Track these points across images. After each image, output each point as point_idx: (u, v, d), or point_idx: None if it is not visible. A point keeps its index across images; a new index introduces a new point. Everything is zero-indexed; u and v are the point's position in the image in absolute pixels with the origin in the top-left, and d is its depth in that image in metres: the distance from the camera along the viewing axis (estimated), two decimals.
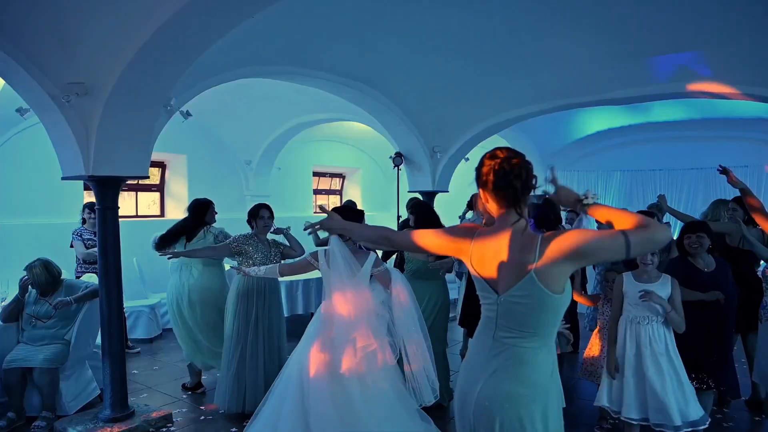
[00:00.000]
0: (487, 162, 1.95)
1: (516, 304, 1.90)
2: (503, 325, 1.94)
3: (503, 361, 1.92)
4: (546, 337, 1.94)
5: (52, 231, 6.52)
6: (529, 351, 1.91)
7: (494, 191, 1.95)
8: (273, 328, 4.67)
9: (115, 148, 4.17)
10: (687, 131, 9.09)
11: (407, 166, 7.73)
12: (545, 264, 1.83)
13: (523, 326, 1.91)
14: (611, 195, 10.40)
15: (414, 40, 5.37)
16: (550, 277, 1.84)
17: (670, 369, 3.48)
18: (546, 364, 1.95)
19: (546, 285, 1.84)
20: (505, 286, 1.92)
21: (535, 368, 1.91)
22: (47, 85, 3.87)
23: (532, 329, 1.91)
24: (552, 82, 6.29)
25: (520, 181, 1.92)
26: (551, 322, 1.93)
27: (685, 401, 3.44)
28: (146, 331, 6.88)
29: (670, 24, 4.87)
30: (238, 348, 4.56)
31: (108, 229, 4.33)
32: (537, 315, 1.89)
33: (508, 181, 1.91)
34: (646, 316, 3.55)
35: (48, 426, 4.33)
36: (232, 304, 4.66)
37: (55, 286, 4.68)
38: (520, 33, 5.24)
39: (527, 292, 1.86)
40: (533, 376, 1.91)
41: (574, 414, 3.65)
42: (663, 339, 3.53)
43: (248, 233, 4.77)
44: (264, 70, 5.42)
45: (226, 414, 4.59)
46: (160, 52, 3.83)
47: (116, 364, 4.33)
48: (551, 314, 1.91)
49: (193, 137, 8.60)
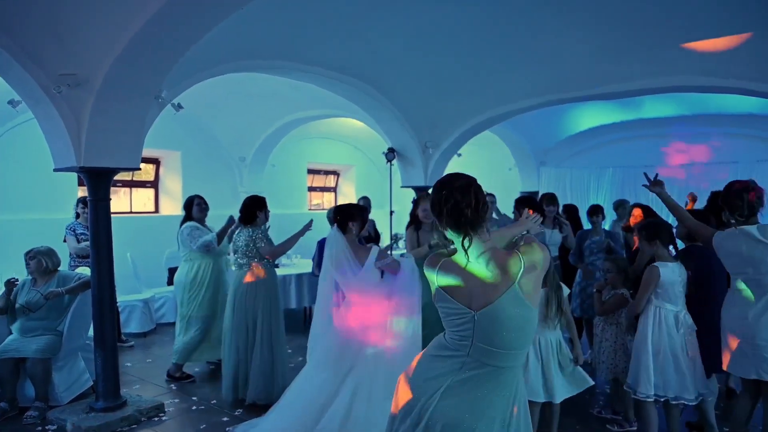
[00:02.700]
0: (435, 195, 1.98)
1: (495, 320, 1.88)
2: (480, 340, 1.91)
3: (479, 380, 1.91)
4: (522, 357, 1.97)
5: (46, 226, 6.54)
6: (507, 371, 1.93)
7: (448, 221, 1.95)
8: (270, 322, 4.69)
9: (107, 139, 4.20)
10: (679, 127, 9.16)
11: (400, 162, 7.78)
12: (525, 277, 1.86)
13: (497, 343, 1.90)
14: (604, 191, 10.47)
15: (406, 35, 5.40)
16: (529, 288, 1.88)
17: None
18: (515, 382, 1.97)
19: (527, 297, 1.87)
20: (483, 303, 1.89)
21: (506, 386, 1.93)
22: (39, 76, 3.91)
23: (507, 346, 1.90)
24: (544, 77, 6.34)
25: (471, 209, 1.92)
26: (526, 339, 1.96)
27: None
28: (140, 325, 6.91)
29: (662, 18, 4.91)
30: (235, 341, 4.67)
31: (100, 220, 4.37)
32: (515, 329, 1.90)
33: (459, 210, 1.92)
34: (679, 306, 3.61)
35: (40, 416, 4.36)
36: (231, 299, 4.75)
37: (51, 274, 4.75)
38: (512, 28, 5.28)
39: (509, 305, 1.87)
40: (506, 392, 1.93)
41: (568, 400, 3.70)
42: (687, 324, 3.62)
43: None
44: (256, 64, 5.44)
45: (219, 403, 4.65)
46: (151, 44, 3.86)
47: (108, 354, 4.37)
48: (528, 327, 1.93)
49: (188, 134, 8.65)
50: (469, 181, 1.97)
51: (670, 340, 3.53)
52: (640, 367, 3.58)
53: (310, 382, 3.65)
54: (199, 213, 5.53)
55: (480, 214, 1.93)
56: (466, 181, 1.97)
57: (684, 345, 3.55)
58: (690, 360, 3.55)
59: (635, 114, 9.00)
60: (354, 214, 3.79)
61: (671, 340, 3.53)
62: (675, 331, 3.54)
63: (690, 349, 3.56)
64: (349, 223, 3.75)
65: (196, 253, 5.39)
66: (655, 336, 3.55)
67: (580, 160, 10.66)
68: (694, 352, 3.58)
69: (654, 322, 3.56)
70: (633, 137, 9.75)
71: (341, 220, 3.77)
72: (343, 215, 3.78)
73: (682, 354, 3.53)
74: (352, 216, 3.77)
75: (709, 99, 7.79)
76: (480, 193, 1.96)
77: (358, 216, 3.81)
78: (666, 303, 3.57)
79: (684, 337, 3.55)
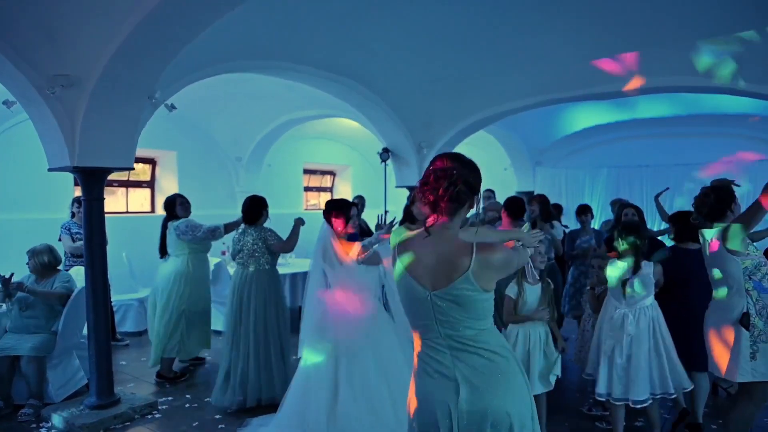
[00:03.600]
0: (431, 171, 2.00)
1: (450, 302, 1.96)
2: (442, 321, 1.99)
3: (468, 363, 1.97)
4: (485, 319, 2.03)
5: (43, 226, 6.56)
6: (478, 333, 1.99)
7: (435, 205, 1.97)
8: (278, 320, 4.69)
9: (100, 139, 4.24)
10: (672, 127, 9.21)
11: (394, 162, 7.82)
12: (479, 268, 1.93)
13: (458, 321, 1.97)
14: (599, 191, 10.52)
15: (400, 35, 5.44)
16: (482, 279, 1.94)
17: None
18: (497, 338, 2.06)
19: (480, 284, 1.94)
20: (439, 285, 1.97)
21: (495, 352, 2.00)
22: (33, 77, 3.94)
23: (468, 324, 1.98)
24: (538, 76, 6.36)
25: (437, 194, 1.95)
26: (485, 314, 2.02)
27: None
28: (135, 324, 6.95)
29: (655, 19, 4.95)
30: (231, 341, 4.66)
31: (94, 220, 4.41)
32: (471, 309, 1.97)
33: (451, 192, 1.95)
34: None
35: (35, 413, 4.40)
36: (229, 297, 4.78)
37: (51, 271, 4.81)
38: (506, 28, 5.31)
39: (462, 290, 1.93)
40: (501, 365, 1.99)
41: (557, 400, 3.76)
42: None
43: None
44: (249, 65, 5.48)
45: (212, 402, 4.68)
46: (145, 44, 3.90)
47: (102, 352, 4.41)
48: (486, 304, 2.01)
49: (184, 134, 8.68)
50: (451, 167, 1.97)
51: (616, 338, 3.57)
52: (598, 365, 3.69)
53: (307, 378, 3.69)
54: (184, 212, 5.43)
55: (450, 201, 1.94)
56: (449, 166, 1.98)
57: (629, 345, 3.55)
58: (635, 361, 3.54)
59: (630, 114, 9.04)
60: (341, 209, 3.87)
61: (616, 338, 3.57)
62: (620, 331, 3.57)
63: (635, 350, 3.54)
64: (336, 217, 3.84)
65: (189, 247, 5.33)
66: (605, 333, 3.64)
67: (575, 160, 10.71)
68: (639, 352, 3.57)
69: (605, 319, 3.66)
70: (627, 137, 9.81)
71: (328, 214, 3.86)
72: (331, 209, 3.88)
73: (624, 354, 3.55)
74: (339, 210, 3.85)
75: (702, 99, 7.83)
76: (458, 182, 1.95)
77: (345, 211, 3.88)
78: (613, 299, 3.65)
79: (633, 337, 3.55)
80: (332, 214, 3.86)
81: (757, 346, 3.13)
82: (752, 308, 3.18)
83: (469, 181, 1.97)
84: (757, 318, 3.17)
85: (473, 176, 2.01)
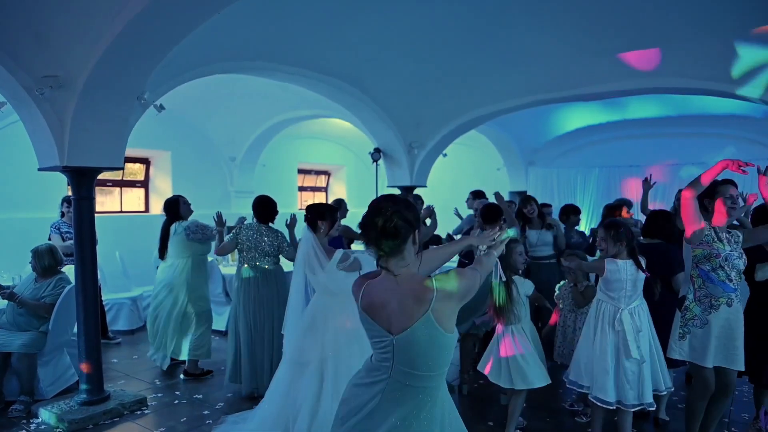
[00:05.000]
0: (369, 217, 1.97)
1: (412, 344, 1.91)
2: (401, 363, 1.94)
3: (408, 405, 1.94)
4: (441, 377, 2.00)
5: (34, 225, 6.63)
6: (429, 390, 1.96)
7: (379, 243, 1.95)
8: (273, 318, 4.77)
9: (90, 139, 4.29)
10: (663, 128, 9.28)
11: (386, 162, 7.88)
12: (440, 304, 1.89)
13: (417, 366, 1.93)
14: (590, 191, 10.59)
15: (389, 35, 5.48)
16: (443, 316, 1.91)
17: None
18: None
19: (440, 324, 1.90)
20: (400, 328, 1.92)
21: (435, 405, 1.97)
22: (22, 77, 3.99)
23: (426, 368, 1.93)
24: (528, 77, 6.43)
25: (397, 230, 1.92)
26: (445, 362, 1.98)
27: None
28: (127, 322, 7.00)
29: (644, 20, 5.01)
30: (235, 336, 4.84)
31: (84, 219, 4.47)
32: (433, 353, 1.93)
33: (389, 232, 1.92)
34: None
35: (25, 409, 4.46)
36: (234, 296, 4.88)
37: (53, 272, 4.86)
38: (496, 29, 5.36)
39: (424, 331, 1.89)
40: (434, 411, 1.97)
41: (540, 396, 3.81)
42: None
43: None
44: (238, 66, 5.52)
45: (201, 398, 4.77)
46: (133, 45, 3.94)
47: (92, 348, 4.47)
48: (445, 352, 1.97)
49: (178, 134, 8.73)
50: (384, 206, 1.96)
51: (603, 336, 3.58)
52: (580, 361, 3.71)
53: (285, 377, 3.75)
54: (188, 211, 5.47)
55: (394, 239, 1.93)
56: (382, 206, 1.97)
57: (618, 345, 3.54)
58: (618, 362, 3.54)
59: (621, 115, 9.11)
60: (323, 214, 3.86)
61: (604, 336, 3.57)
62: (609, 328, 3.57)
63: (624, 353, 3.52)
64: (318, 222, 3.84)
65: (193, 248, 5.36)
66: (594, 330, 3.65)
67: (567, 160, 10.78)
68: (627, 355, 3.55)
69: (596, 315, 3.67)
70: (619, 137, 9.87)
71: (311, 219, 3.85)
72: (313, 214, 3.85)
73: (610, 354, 3.54)
74: (321, 215, 3.84)
75: (692, 100, 7.88)
76: (397, 217, 1.93)
77: (328, 215, 3.87)
78: (609, 292, 3.63)
79: (622, 336, 3.54)
80: (321, 219, 3.84)
81: (689, 329, 3.42)
82: (691, 294, 3.43)
83: (404, 216, 1.95)
84: (694, 303, 3.42)
85: (408, 211, 1.97)
